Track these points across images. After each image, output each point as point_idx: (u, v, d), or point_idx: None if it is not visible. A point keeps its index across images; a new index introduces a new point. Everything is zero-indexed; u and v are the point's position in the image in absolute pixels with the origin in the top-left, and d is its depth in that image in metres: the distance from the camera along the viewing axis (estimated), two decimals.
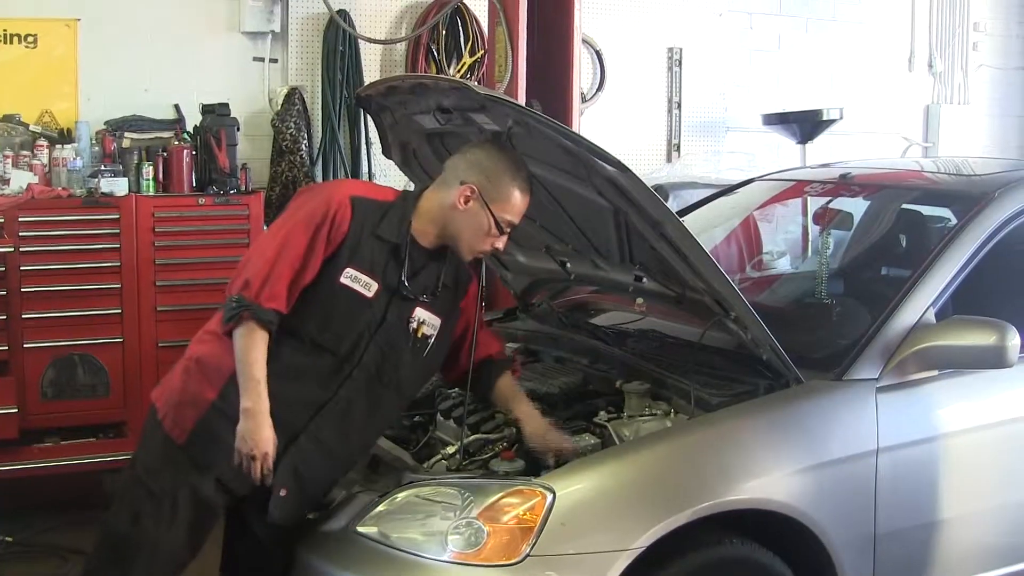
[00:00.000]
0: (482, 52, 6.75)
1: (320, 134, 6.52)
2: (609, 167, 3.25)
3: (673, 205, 5.11)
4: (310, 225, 3.13)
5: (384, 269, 3.23)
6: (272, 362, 3.11)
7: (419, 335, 3.31)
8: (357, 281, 3.19)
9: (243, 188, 5.80)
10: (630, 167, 3.21)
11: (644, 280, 3.94)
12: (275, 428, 3.09)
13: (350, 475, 3.41)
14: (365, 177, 6.63)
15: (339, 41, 6.52)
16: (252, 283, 3.08)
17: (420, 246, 3.29)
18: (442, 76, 6.20)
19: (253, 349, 3.08)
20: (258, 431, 3.05)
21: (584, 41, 6.51)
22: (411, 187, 4.75)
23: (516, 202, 3.29)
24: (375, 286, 3.21)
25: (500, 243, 3.33)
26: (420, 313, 3.30)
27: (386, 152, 4.37)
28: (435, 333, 3.35)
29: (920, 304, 3.55)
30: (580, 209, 3.80)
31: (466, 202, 3.24)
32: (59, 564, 4.96)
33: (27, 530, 5.16)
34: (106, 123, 5.88)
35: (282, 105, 6.37)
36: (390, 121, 4.15)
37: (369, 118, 4.99)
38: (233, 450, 3.08)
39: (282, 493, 3.14)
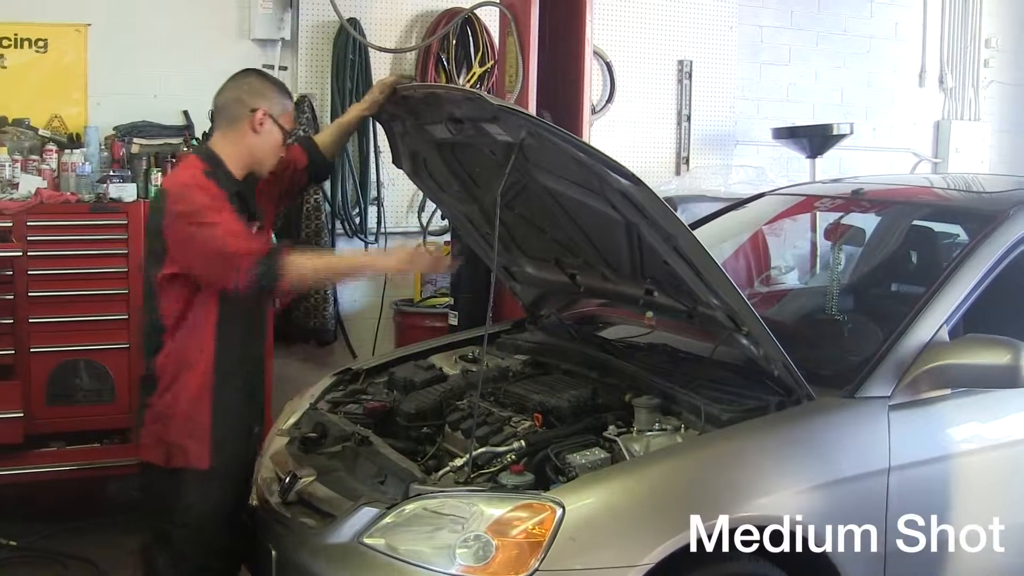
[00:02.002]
0: (492, 62, 6.74)
1: None
2: (623, 180, 3.23)
3: (682, 218, 5.08)
4: (219, 207, 3.51)
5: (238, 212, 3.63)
6: (233, 326, 3.60)
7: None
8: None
9: None
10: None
11: (655, 294, 3.92)
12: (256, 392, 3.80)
13: (358, 488, 3.45)
14: (373, 187, 6.65)
15: (349, 49, 6.53)
16: (244, 251, 3.46)
17: (241, 181, 3.71)
18: (455, 86, 6.19)
19: (315, 258, 3.71)
20: (403, 261, 3.73)
21: (595, 52, 6.49)
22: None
23: (292, 108, 3.81)
24: None
25: (284, 151, 3.81)
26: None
27: (396, 161, 4.37)
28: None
29: (934, 322, 3.53)
30: (591, 221, 3.78)
31: (261, 125, 3.66)
32: (61, 570, 4.95)
33: (30, 535, 5.15)
34: (115, 128, 5.88)
35: None
36: (401, 130, 4.14)
37: (379, 127, 4.98)
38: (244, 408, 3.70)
39: (256, 431, 3.82)
